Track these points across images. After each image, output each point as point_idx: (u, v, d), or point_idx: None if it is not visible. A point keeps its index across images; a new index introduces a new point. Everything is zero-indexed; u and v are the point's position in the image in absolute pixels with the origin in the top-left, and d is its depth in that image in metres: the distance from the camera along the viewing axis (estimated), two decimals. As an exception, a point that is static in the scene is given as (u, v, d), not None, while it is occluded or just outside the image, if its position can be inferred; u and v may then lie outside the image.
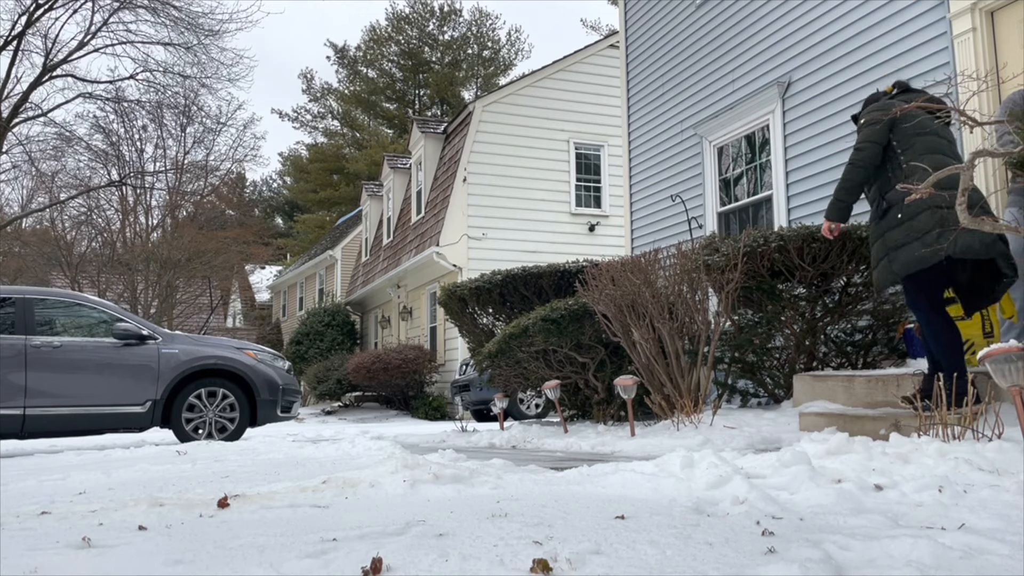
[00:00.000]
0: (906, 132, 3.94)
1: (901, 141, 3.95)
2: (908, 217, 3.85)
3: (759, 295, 5.95)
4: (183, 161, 25.65)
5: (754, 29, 8.32)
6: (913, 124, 3.92)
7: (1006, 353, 3.14)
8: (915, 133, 3.94)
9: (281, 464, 4.64)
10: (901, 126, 3.96)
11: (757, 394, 6.59)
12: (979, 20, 5.73)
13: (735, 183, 8.73)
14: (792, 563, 1.70)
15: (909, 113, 3.81)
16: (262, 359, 8.16)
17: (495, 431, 7.52)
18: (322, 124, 42.27)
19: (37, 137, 20.40)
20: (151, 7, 18.08)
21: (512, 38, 39.46)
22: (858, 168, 4.02)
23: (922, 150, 3.88)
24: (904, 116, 3.87)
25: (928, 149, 3.90)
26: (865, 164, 4.00)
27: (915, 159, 3.77)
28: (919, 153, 3.84)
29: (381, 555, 1.81)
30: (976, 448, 3.14)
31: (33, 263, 23.52)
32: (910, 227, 3.85)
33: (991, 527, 2.12)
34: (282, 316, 32.58)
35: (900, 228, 3.89)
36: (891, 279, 3.98)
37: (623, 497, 2.71)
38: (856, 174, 4.03)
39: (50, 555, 2.01)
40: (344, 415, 17.48)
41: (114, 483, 3.82)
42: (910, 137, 3.93)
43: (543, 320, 6.69)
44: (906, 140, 3.94)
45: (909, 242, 3.85)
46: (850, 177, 4.07)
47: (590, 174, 16.99)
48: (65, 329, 7.67)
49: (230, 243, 25.66)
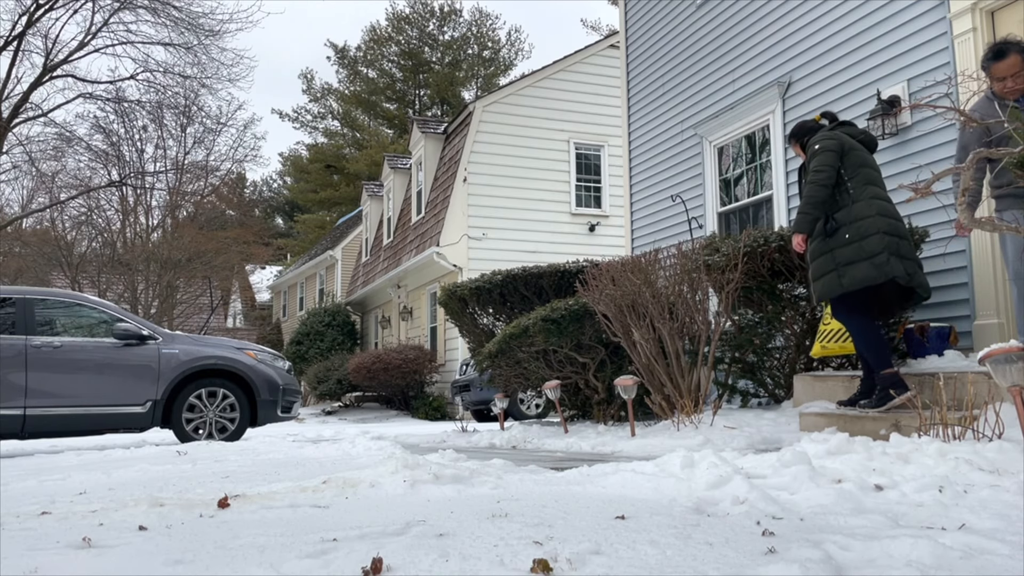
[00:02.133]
0: (852, 162, 4.59)
1: (848, 170, 4.57)
2: (858, 238, 4.43)
3: (759, 295, 5.95)
4: (183, 161, 25.64)
5: (754, 29, 8.32)
6: (856, 156, 4.60)
7: (1006, 353, 3.14)
8: (859, 164, 4.59)
9: (281, 464, 4.64)
10: (848, 157, 4.58)
11: (757, 394, 6.58)
12: (979, 20, 5.72)
13: (735, 183, 8.73)
14: (792, 563, 1.70)
15: (854, 146, 4.60)
16: (262, 359, 8.16)
17: (495, 431, 7.52)
18: (322, 124, 42.28)
19: (37, 137, 20.40)
20: (151, 7, 18.07)
21: (512, 38, 39.48)
22: (822, 187, 4.55)
23: (864, 180, 4.55)
24: (851, 147, 4.59)
25: (867, 180, 4.57)
26: (827, 184, 4.54)
27: (858, 186, 4.51)
28: (862, 182, 4.54)
29: (381, 555, 1.82)
30: (976, 448, 3.14)
31: (33, 263, 23.52)
32: (860, 247, 4.41)
33: (991, 527, 2.12)
34: (282, 316, 32.58)
35: (850, 247, 4.45)
36: (837, 291, 4.50)
37: (623, 497, 2.71)
38: (821, 192, 4.55)
39: (50, 555, 2.01)
40: (344, 415, 17.48)
41: (114, 483, 3.82)
42: (855, 167, 4.58)
43: (543, 320, 6.69)
44: (852, 169, 4.57)
45: (859, 261, 4.41)
46: (816, 194, 4.55)
47: (590, 174, 16.99)
48: (65, 329, 7.67)
49: (230, 243, 25.65)
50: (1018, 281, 4.21)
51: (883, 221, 4.44)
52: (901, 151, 6.39)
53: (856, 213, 4.47)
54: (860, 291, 4.46)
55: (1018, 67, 4.21)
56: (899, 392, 4.35)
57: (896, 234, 4.49)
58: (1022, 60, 4.21)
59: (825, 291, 4.56)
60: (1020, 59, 4.21)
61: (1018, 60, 4.21)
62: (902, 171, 6.21)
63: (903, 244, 4.51)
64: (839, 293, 4.50)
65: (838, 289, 4.48)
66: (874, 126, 6.46)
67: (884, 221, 4.45)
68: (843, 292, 4.48)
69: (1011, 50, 4.24)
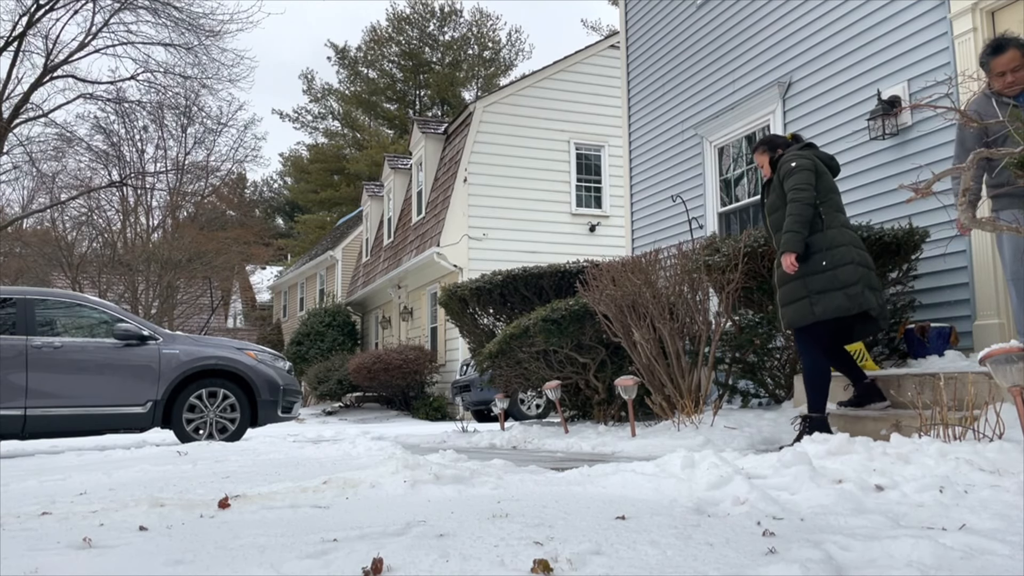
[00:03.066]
0: (824, 187, 4.56)
1: (820, 193, 4.52)
2: (832, 267, 4.37)
3: (760, 295, 5.95)
4: (184, 162, 25.64)
5: (755, 29, 8.32)
6: (827, 180, 4.59)
7: (1007, 353, 3.14)
8: (829, 189, 4.58)
9: (282, 464, 4.64)
10: (820, 181, 4.55)
11: (758, 394, 6.58)
12: (980, 20, 5.72)
13: (736, 183, 8.73)
14: (793, 563, 1.70)
15: (824, 171, 4.59)
16: (263, 359, 8.16)
17: (496, 431, 7.52)
18: (323, 124, 42.30)
19: (38, 138, 20.37)
20: (152, 8, 18.07)
21: (512, 38, 39.49)
22: (806, 205, 4.46)
23: (833, 207, 4.54)
24: (822, 171, 4.59)
25: (836, 207, 4.56)
26: (811, 202, 4.48)
27: (829, 212, 4.49)
28: (832, 209, 4.52)
29: (382, 555, 1.82)
30: (977, 448, 3.14)
31: (34, 264, 23.52)
32: (834, 276, 4.35)
33: (992, 527, 2.12)
34: (283, 316, 32.58)
35: (824, 275, 4.37)
36: (809, 320, 4.41)
37: (624, 497, 2.71)
38: (806, 210, 4.46)
39: (51, 555, 2.01)
40: (345, 415, 17.48)
41: (115, 484, 3.83)
42: (826, 192, 4.55)
43: (544, 320, 6.69)
44: (824, 194, 4.54)
45: (832, 290, 4.34)
46: (803, 213, 4.45)
47: (591, 174, 16.99)
48: (66, 330, 7.67)
49: (231, 243, 25.65)
50: (1016, 282, 4.21)
51: (855, 251, 4.41)
52: (901, 151, 6.39)
53: (830, 240, 4.40)
54: (830, 321, 4.39)
55: (1017, 61, 4.20)
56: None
57: (866, 265, 4.46)
58: (1021, 55, 4.21)
59: (796, 318, 4.46)
60: (1019, 53, 4.21)
61: (1017, 55, 4.20)
62: (902, 171, 6.21)
63: (872, 275, 4.47)
64: (811, 322, 4.40)
65: (810, 317, 4.38)
66: (874, 126, 6.46)
67: (856, 251, 4.42)
68: (815, 321, 4.38)
69: (1010, 45, 4.24)
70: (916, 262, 5.99)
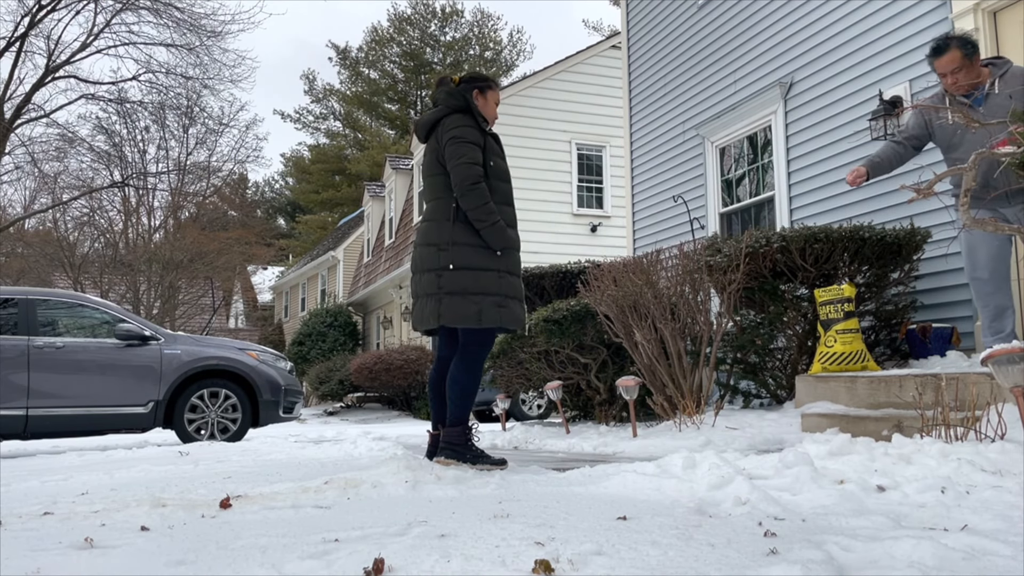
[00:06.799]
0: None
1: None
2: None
3: (761, 296, 5.94)
4: (185, 162, 25.67)
5: (756, 30, 8.32)
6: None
7: (1008, 354, 3.14)
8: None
9: (283, 465, 4.64)
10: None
11: (759, 395, 6.58)
12: (982, 20, 5.72)
13: (737, 184, 8.72)
14: (794, 564, 1.70)
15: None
16: (264, 360, 8.17)
17: (497, 432, 7.52)
18: (324, 125, 42.34)
19: (40, 138, 20.43)
20: (153, 8, 18.09)
21: (514, 39, 39.53)
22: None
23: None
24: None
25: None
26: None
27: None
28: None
29: (383, 555, 1.82)
30: (979, 449, 3.13)
31: (36, 264, 23.53)
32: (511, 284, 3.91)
33: (994, 528, 2.12)
34: (284, 317, 32.60)
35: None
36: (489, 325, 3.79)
37: (625, 498, 2.71)
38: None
39: (52, 556, 2.01)
40: (346, 416, 17.48)
41: (116, 484, 3.82)
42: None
43: (545, 321, 6.69)
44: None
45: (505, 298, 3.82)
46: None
47: (592, 175, 16.98)
48: (67, 330, 7.67)
49: (232, 244, 25.67)
50: (991, 282, 4.23)
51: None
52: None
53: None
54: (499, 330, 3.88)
55: (957, 63, 4.16)
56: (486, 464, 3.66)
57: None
58: (962, 55, 4.17)
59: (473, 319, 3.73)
60: (960, 54, 4.16)
61: (957, 55, 4.16)
62: (904, 171, 6.20)
63: None
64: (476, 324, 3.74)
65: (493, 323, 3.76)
66: (876, 126, 6.45)
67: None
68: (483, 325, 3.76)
69: (951, 45, 4.19)
70: (918, 262, 5.99)
